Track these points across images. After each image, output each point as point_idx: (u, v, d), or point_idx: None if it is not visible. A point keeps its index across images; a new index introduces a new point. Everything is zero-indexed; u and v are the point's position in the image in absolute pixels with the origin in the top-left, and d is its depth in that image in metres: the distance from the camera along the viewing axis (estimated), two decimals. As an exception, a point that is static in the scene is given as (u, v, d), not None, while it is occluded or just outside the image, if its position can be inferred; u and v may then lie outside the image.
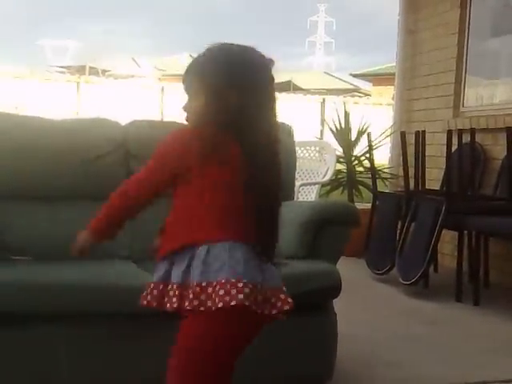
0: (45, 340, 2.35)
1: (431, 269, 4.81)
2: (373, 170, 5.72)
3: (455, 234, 4.68)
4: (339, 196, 6.09)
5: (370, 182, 5.72)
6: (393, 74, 6.94)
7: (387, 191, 6.07)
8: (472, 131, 4.65)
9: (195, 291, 1.63)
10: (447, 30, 5.86)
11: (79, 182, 2.93)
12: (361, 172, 6.34)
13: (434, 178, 5.39)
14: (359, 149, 6.34)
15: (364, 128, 6.33)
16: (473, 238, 4.64)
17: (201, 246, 1.66)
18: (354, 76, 28.61)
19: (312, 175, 5.33)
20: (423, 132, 4.99)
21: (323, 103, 16.47)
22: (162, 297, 1.70)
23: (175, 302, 1.66)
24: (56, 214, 2.88)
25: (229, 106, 1.68)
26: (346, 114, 6.39)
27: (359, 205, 5.46)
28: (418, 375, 2.99)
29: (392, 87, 7.18)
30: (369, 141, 5.86)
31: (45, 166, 2.86)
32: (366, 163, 6.17)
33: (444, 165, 4.87)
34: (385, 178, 6.32)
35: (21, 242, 2.76)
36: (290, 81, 20.70)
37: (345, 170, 6.20)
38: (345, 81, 30.41)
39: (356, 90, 27.19)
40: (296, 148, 3.37)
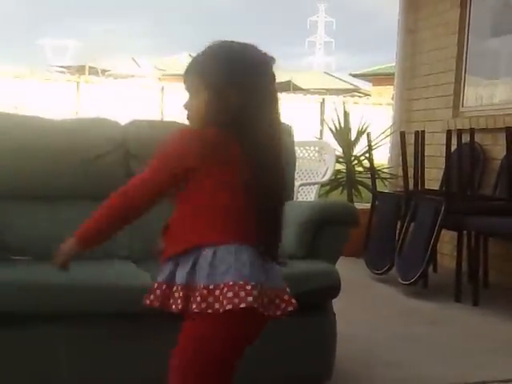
0: (45, 340, 2.35)
1: (430, 269, 4.81)
2: (372, 170, 5.72)
3: (454, 234, 4.67)
4: (339, 196, 6.09)
5: (370, 182, 5.71)
6: (392, 74, 6.93)
7: (386, 191, 6.07)
8: (471, 131, 4.66)
9: (202, 294, 1.61)
10: (447, 30, 5.86)
11: (79, 182, 2.92)
12: (360, 172, 6.33)
13: (434, 178, 5.39)
14: (359, 149, 6.34)
15: (363, 128, 6.32)
16: (472, 238, 4.64)
17: (207, 248, 1.64)
18: (354, 76, 28.59)
19: (311, 175, 5.33)
20: (423, 132, 4.99)
21: (323, 103, 16.46)
22: (167, 298, 1.69)
23: (180, 304, 1.65)
24: (56, 214, 2.88)
25: (229, 105, 1.66)
26: (346, 114, 6.39)
27: (358, 205, 5.46)
28: (418, 375, 2.99)
29: (392, 87, 7.19)
30: (368, 141, 5.86)
31: (45, 166, 2.86)
32: (366, 163, 6.17)
33: (443, 165, 4.86)
34: (384, 178, 6.32)
35: (21, 242, 2.76)
36: (290, 81, 20.68)
37: (344, 170, 6.20)
38: (344, 81, 30.39)
39: (356, 90, 27.17)
40: (295, 148, 3.37)
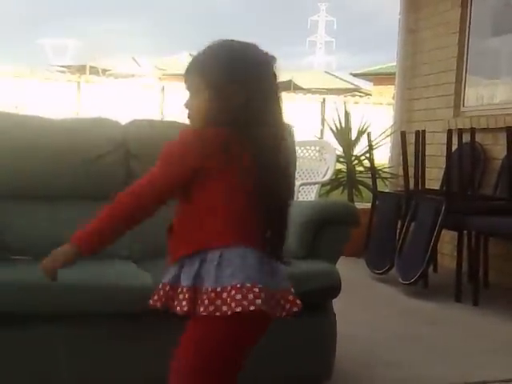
0: (45, 340, 2.35)
1: (431, 269, 4.81)
2: (373, 170, 5.72)
3: (455, 234, 4.67)
4: (339, 196, 6.08)
5: (370, 182, 5.71)
6: (393, 74, 6.92)
7: (387, 191, 6.06)
8: (472, 131, 4.65)
9: (210, 297, 1.60)
10: (448, 29, 5.85)
11: (79, 182, 2.92)
12: (361, 172, 6.33)
13: (434, 178, 5.38)
14: (359, 148, 6.33)
15: (364, 128, 6.32)
16: (472, 238, 4.64)
17: (213, 251, 1.63)
18: (355, 75, 28.58)
19: (312, 175, 5.33)
20: (423, 132, 4.99)
21: (323, 103, 16.45)
22: (171, 299, 1.67)
23: (185, 306, 1.63)
24: (56, 214, 2.88)
25: (231, 104, 1.64)
26: (347, 114, 6.38)
27: (359, 204, 5.46)
28: (418, 375, 2.99)
29: (392, 87, 7.18)
30: (369, 140, 5.85)
31: (45, 166, 2.86)
32: (366, 163, 6.16)
33: (444, 164, 4.86)
34: (385, 178, 6.31)
35: (21, 242, 2.76)
36: (291, 80, 20.68)
37: (345, 170, 6.19)
38: (345, 80, 30.38)
39: (356, 90, 27.17)
40: (296, 147, 3.37)
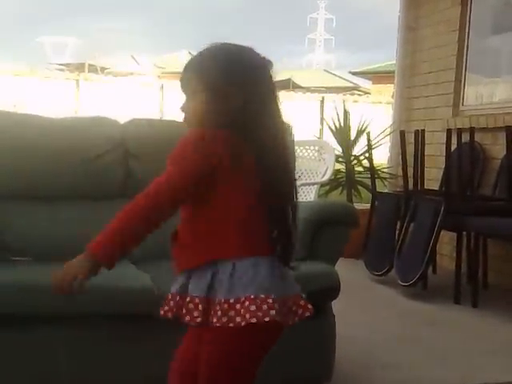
0: (44, 341, 2.35)
1: (430, 270, 4.81)
2: (372, 170, 5.71)
3: (454, 235, 4.66)
4: (338, 196, 6.07)
5: (369, 182, 5.70)
6: (392, 72, 6.89)
7: (386, 191, 6.05)
8: (471, 130, 4.62)
9: (223, 308, 1.59)
10: (448, 27, 5.82)
11: (79, 181, 2.92)
12: (360, 172, 6.32)
13: (433, 178, 5.38)
14: (358, 148, 6.32)
15: (363, 127, 6.31)
16: (472, 239, 4.63)
17: (226, 262, 1.61)
18: (354, 74, 28.52)
19: (311, 175, 5.32)
20: (422, 131, 4.97)
21: (322, 101, 16.43)
22: (180, 308, 1.66)
23: (198, 317, 1.61)
24: (56, 214, 2.88)
25: (229, 106, 1.62)
26: (346, 113, 6.37)
27: (358, 205, 5.44)
28: (417, 377, 2.99)
29: (391, 85, 7.16)
30: (368, 140, 5.85)
31: (44, 166, 2.86)
32: (365, 163, 6.15)
33: (443, 164, 4.85)
34: (384, 178, 6.31)
35: (21, 242, 2.76)
36: (290, 79, 20.67)
37: (344, 170, 6.18)
38: (344, 79, 30.33)
39: (355, 88, 27.14)
40: (295, 147, 3.36)
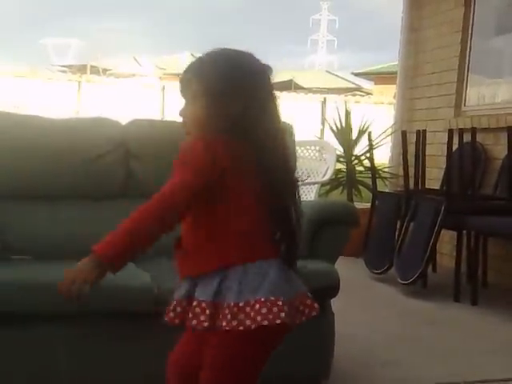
0: (44, 340, 2.36)
1: (429, 269, 4.82)
2: (373, 170, 5.72)
3: (454, 234, 4.66)
4: (339, 196, 6.07)
5: (370, 182, 5.71)
6: (395, 73, 6.90)
7: (387, 191, 6.06)
8: (473, 130, 4.62)
9: (233, 311, 1.59)
10: (451, 28, 5.82)
11: (79, 182, 2.93)
12: (361, 172, 6.32)
13: (434, 178, 5.38)
14: (359, 148, 6.32)
15: (365, 127, 6.32)
16: (472, 238, 4.64)
17: (235, 267, 1.62)
18: (356, 75, 28.53)
19: (312, 175, 5.33)
20: (424, 131, 4.98)
21: (324, 102, 16.44)
22: (186, 312, 1.66)
23: (205, 321, 1.61)
24: (56, 214, 2.89)
25: (229, 110, 1.63)
26: (347, 114, 6.38)
27: (358, 204, 5.46)
28: (417, 375, 2.99)
29: (394, 86, 7.15)
30: (369, 140, 5.85)
31: (45, 166, 2.86)
32: (366, 163, 6.15)
33: (444, 164, 4.85)
34: (385, 178, 6.31)
35: (21, 242, 2.77)
36: (292, 80, 20.68)
37: (344, 170, 6.19)
38: (346, 80, 30.33)
39: (358, 89, 27.13)
40: (296, 147, 3.37)
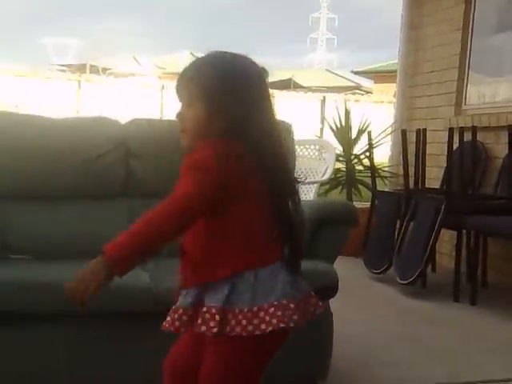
0: (44, 339, 2.37)
1: (429, 268, 4.82)
2: (372, 169, 5.71)
3: (454, 234, 4.66)
4: (338, 195, 6.06)
5: (370, 181, 5.70)
6: (394, 72, 6.86)
7: (386, 190, 6.05)
8: (473, 129, 4.60)
9: (247, 317, 1.59)
10: (451, 26, 5.79)
11: (79, 181, 2.93)
12: (360, 171, 6.31)
13: (434, 177, 5.38)
14: (359, 147, 6.30)
15: (364, 126, 6.31)
16: (471, 238, 4.63)
17: (247, 272, 1.62)
18: (356, 73, 28.47)
19: (311, 174, 5.33)
20: (424, 130, 4.97)
21: (324, 101, 16.42)
22: (194, 319, 1.64)
23: (215, 327, 1.60)
24: (56, 214, 2.89)
25: (227, 114, 1.63)
26: (347, 113, 6.37)
27: (358, 204, 5.45)
28: (416, 375, 3.00)
29: (394, 85, 7.12)
30: (369, 139, 5.85)
31: (45, 165, 2.87)
32: (366, 162, 6.14)
33: (445, 163, 4.85)
34: (384, 177, 6.30)
35: (21, 242, 2.77)
36: (291, 78, 20.68)
37: (344, 169, 6.19)
38: (346, 78, 30.30)
39: (357, 88, 27.12)
40: (295, 146, 3.37)
